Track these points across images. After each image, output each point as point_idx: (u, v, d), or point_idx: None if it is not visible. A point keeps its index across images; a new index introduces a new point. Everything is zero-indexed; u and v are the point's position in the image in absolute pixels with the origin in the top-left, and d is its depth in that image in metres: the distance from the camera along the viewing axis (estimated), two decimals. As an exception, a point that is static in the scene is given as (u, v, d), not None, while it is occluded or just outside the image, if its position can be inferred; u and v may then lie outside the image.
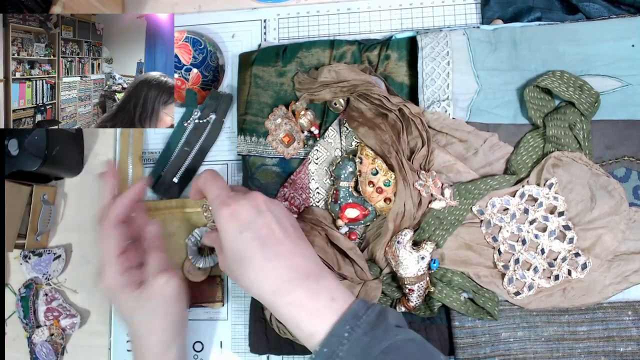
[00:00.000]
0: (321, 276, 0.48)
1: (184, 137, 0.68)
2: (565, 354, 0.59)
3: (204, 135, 0.68)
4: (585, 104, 0.59)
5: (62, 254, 0.70)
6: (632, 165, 0.60)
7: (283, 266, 0.47)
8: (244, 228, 0.48)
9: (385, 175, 0.60)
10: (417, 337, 0.46)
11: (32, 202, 0.67)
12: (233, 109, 0.69)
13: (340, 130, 0.65)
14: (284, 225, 0.50)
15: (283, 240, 0.49)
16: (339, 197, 0.61)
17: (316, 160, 0.64)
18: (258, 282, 0.47)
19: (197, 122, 0.68)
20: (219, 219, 0.49)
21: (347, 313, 0.45)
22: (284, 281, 0.47)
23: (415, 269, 0.57)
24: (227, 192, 0.52)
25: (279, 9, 0.72)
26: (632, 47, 0.60)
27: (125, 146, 0.71)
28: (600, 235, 0.58)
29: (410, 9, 0.69)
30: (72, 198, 0.72)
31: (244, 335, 0.66)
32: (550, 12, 0.64)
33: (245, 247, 0.48)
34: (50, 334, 0.67)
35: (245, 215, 0.49)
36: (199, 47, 0.71)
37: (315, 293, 0.47)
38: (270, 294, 0.47)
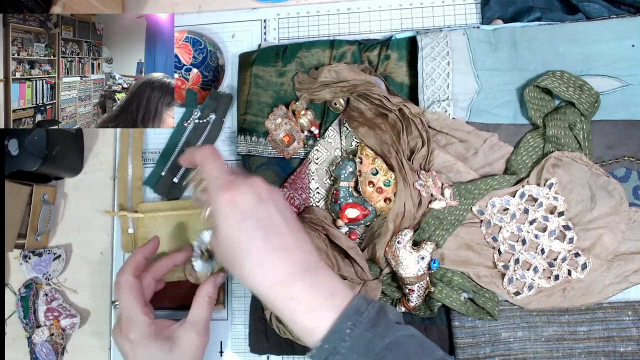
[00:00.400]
0: (320, 271, 0.47)
1: (184, 137, 0.68)
2: (565, 354, 0.58)
3: (204, 135, 0.68)
4: (585, 104, 0.59)
5: (62, 254, 0.70)
6: (632, 165, 0.60)
7: (283, 259, 0.46)
8: (245, 217, 0.46)
9: (385, 175, 0.60)
10: (417, 333, 0.46)
11: (32, 202, 0.67)
12: (233, 109, 0.69)
13: (340, 130, 0.65)
14: (285, 215, 0.49)
15: (284, 233, 0.47)
16: (339, 197, 0.61)
17: (316, 160, 0.64)
18: (255, 274, 0.46)
19: (197, 122, 0.68)
20: (218, 204, 0.47)
21: (349, 309, 0.45)
22: (283, 275, 0.46)
23: (415, 269, 0.57)
24: (227, 174, 0.50)
25: (279, 9, 0.72)
26: (632, 47, 0.60)
27: (125, 146, 0.71)
28: (600, 236, 0.58)
29: (410, 9, 0.69)
30: (72, 198, 0.72)
31: (244, 335, 0.66)
32: (550, 12, 0.64)
33: (244, 237, 0.46)
34: (50, 334, 0.67)
35: (246, 202, 0.47)
36: (199, 47, 0.71)
37: (314, 288, 0.46)
38: (267, 288, 0.46)
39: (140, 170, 0.70)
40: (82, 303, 0.70)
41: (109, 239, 0.71)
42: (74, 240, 0.71)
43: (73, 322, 0.68)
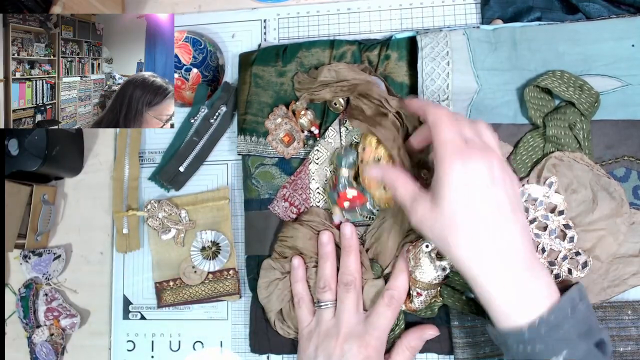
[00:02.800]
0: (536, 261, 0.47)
1: (193, 129, 0.68)
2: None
3: (214, 126, 0.68)
4: (585, 103, 0.59)
5: (62, 254, 0.70)
6: (632, 165, 0.60)
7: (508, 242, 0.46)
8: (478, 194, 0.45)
9: (387, 164, 0.59)
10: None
11: (32, 202, 0.67)
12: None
13: (340, 130, 0.65)
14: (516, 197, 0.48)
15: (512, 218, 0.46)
16: (338, 184, 0.61)
17: (316, 160, 0.64)
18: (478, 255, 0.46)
19: (207, 114, 0.68)
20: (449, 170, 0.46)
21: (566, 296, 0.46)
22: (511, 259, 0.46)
23: (431, 276, 0.56)
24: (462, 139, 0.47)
25: (279, 9, 0.72)
26: (632, 47, 0.60)
27: (123, 146, 0.70)
28: (600, 237, 0.58)
29: (410, 9, 0.69)
30: (72, 198, 0.72)
31: (244, 335, 0.66)
32: (550, 12, 0.64)
33: (473, 216, 0.46)
34: (50, 334, 0.67)
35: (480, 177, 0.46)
36: (199, 47, 0.71)
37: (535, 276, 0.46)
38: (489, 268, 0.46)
39: (137, 171, 0.70)
40: (82, 303, 0.70)
41: (109, 239, 0.71)
42: (74, 240, 0.72)
43: (73, 322, 0.68)
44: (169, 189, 0.69)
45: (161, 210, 0.66)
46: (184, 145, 0.68)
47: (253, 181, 0.66)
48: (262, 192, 0.65)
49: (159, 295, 0.67)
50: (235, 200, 0.68)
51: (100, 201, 0.71)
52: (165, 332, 0.68)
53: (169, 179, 0.68)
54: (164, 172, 0.68)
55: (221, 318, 0.67)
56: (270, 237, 0.64)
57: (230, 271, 0.66)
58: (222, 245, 0.66)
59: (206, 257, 0.66)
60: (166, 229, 0.66)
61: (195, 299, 0.66)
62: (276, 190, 0.65)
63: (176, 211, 0.67)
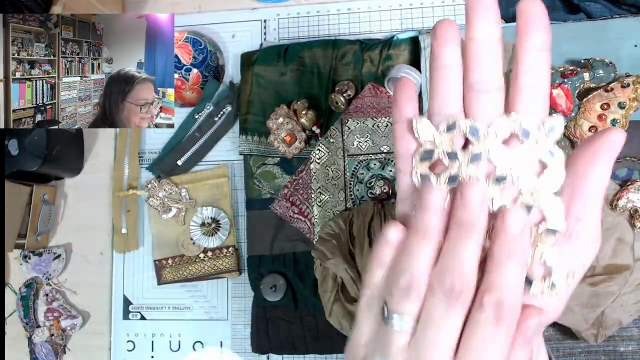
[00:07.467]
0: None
1: (196, 125, 0.68)
2: (566, 353, 0.59)
3: (217, 124, 0.68)
4: (586, 103, 0.59)
5: (62, 254, 0.70)
6: (634, 165, 0.60)
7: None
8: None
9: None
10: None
11: (32, 202, 0.67)
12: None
13: (342, 130, 0.65)
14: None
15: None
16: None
17: (318, 159, 0.64)
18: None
19: (212, 111, 0.68)
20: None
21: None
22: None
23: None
24: None
25: (279, 9, 0.71)
26: (635, 47, 0.60)
27: (122, 146, 0.70)
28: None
29: (410, 9, 0.69)
30: (72, 198, 0.72)
31: (244, 335, 0.66)
32: (552, 12, 0.64)
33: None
34: (50, 334, 0.67)
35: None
36: (199, 47, 0.71)
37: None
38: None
39: (136, 171, 0.70)
40: (82, 303, 0.70)
41: (109, 239, 0.70)
42: (74, 240, 0.71)
43: (74, 322, 0.68)
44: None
45: (161, 189, 0.66)
46: (185, 140, 0.68)
47: (255, 181, 0.66)
48: (264, 191, 0.65)
49: (159, 273, 0.67)
50: (237, 201, 0.68)
51: (100, 201, 0.71)
52: (165, 332, 0.68)
53: (165, 171, 0.68)
54: (161, 164, 0.68)
55: (221, 318, 0.67)
56: (271, 236, 0.64)
57: (230, 248, 0.66)
58: (222, 223, 0.66)
59: (205, 234, 0.66)
60: (167, 208, 0.66)
61: (195, 276, 0.66)
62: (277, 190, 0.65)
63: (176, 190, 0.67)
